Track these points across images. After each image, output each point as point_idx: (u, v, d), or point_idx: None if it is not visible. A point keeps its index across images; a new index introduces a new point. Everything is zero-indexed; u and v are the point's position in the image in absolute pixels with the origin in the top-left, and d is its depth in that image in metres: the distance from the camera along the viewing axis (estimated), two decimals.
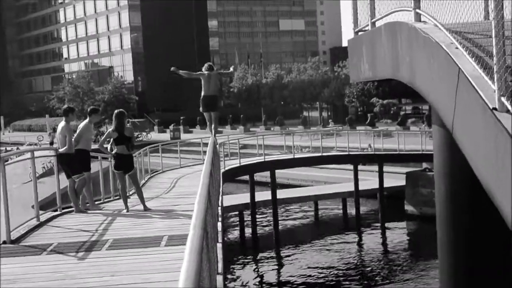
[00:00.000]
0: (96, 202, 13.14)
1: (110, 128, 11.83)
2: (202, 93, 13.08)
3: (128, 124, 12.02)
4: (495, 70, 5.33)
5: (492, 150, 5.31)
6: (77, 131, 11.78)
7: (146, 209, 11.63)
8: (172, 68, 13.70)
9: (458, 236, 9.05)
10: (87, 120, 11.96)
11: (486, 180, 5.62)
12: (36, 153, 10.54)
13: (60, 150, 11.35)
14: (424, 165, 30.96)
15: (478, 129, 5.71)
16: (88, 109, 12.47)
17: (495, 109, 5.24)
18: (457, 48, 6.29)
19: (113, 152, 11.73)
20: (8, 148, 49.09)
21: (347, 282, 21.03)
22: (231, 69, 15.02)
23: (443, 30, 6.74)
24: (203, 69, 13.14)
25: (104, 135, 12.25)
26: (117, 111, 11.73)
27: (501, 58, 5.26)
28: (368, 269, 22.43)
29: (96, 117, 12.33)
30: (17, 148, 45.62)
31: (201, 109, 13.30)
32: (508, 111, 5.14)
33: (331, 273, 21.85)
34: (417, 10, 7.86)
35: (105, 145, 11.94)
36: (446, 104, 6.71)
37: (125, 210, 11.51)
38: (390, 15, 9.20)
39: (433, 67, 7.03)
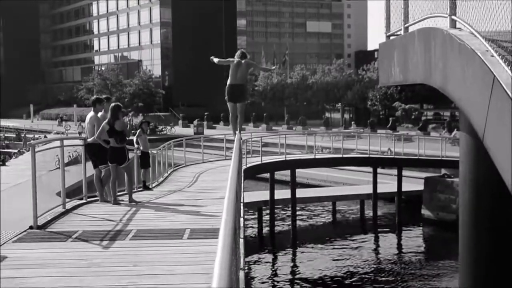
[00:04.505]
0: (120, 193, 13.15)
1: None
2: (228, 82, 11.67)
3: (123, 119, 11.83)
4: None
5: None
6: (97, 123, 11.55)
7: (131, 201, 11.67)
8: (211, 58, 12.29)
9: (480, 242, 9.03)
10: (102, 112, 11.70)
11: None
12: (65, 142, 10.65)
13: (89, 140, 11.45)
14: (443, 171, 30.80)
15: (511, 137, 5.67)
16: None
17: None
18: (492, 56, 6.25)
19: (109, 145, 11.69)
20: (36, 136, 49.68)
21: (360, 283, 21.01)
22: (274, 67, 13.87)
23: (479, 37, 6.70)
24: (235, 56, 11.88)
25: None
26: (112, 105, 11.51)
27: None
28: (383, 271, 22.35)
29: (102, 106, 11.81)
30: (45, 136, 46.08)
31: (226, 98, 11.77)
32: None
33: (346, 273, 21.83)
34: (453, 17, 7.79)
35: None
36: (478, 111, 6.67)
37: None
38: (423, 21, 9.17)
39: (467, 74, 6.98)
